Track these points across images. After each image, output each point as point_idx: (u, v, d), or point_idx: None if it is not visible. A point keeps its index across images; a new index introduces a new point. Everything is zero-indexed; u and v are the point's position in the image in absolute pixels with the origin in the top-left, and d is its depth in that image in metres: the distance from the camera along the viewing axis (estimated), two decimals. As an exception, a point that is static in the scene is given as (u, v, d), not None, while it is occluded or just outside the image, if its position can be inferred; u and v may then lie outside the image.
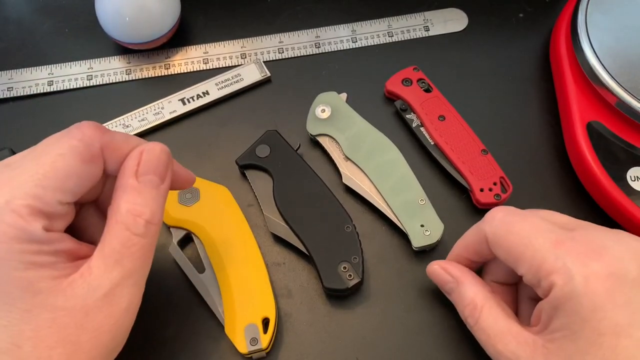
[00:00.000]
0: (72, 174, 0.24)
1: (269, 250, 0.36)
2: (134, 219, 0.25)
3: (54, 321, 0.23)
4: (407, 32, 0.44)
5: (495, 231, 0.28)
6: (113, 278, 0.25)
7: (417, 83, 0.40)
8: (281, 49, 0.43)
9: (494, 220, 0.28)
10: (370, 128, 0.38)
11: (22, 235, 0.23)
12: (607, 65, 0.36)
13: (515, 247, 0.27)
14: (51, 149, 0.25)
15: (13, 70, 0.42)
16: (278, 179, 0.36)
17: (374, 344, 0.33)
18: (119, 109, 0.40)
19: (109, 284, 0.24)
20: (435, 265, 0.32)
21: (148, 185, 0.26)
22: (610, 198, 0.34)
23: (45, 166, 0.24)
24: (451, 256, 0.32)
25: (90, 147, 0.25)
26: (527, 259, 0.26)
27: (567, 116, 0.38)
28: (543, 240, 0.26)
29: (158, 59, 0.43)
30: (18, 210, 0.23)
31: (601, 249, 0.25)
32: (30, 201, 0.23)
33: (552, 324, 0.25)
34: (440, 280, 0.32)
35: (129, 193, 0.26)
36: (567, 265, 0.25)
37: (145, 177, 0.26)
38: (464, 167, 0.36)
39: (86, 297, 0.24)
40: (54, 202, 0.24)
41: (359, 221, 0.36)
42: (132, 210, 0.25)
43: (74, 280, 0.24)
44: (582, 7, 0.38)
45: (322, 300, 0.34)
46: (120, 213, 0.25)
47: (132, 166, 0.26)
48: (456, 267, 0.31)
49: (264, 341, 0.31)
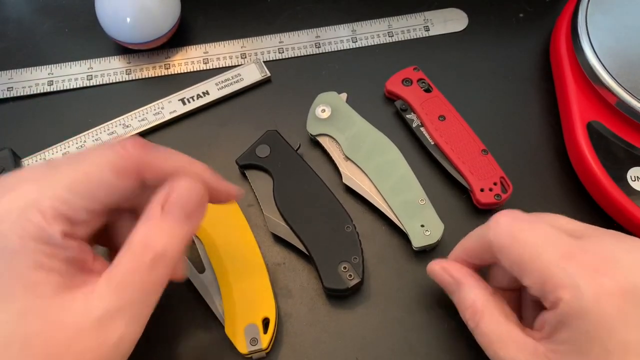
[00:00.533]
0: (103, 185, 0.24)
1: (269, 250, 0.36)
2: (142, 249, 0.24)
3: (45, 332, 0.22)
4: (407, 32, 0.44)
5: (500, 239, 0.27)
6: (109, 304, 0.23)
7: (417, 83, 0.40)
8: (281, 49, 0.43)
9: (499, 226, 0.27)
10: (370, 128, 0.38)
11: (41, 235, 0.23)
12: (607, 65, 0.36)
13: (522, 257, 0.26)
14: (90, 157, 0.25)
15: (13, 70, 0.42)
16: (278, 179, 0.36)
17: (374, 344, 0.33)
18: (119, 109, 0.40)
19: (103, 309, 0.23)
20: (436, 266, 0.31)
21: (170, 219, 0.25)
22: (610, 198, 0.34)
23: (78, 172, 0.24)
24: (452, 258, 0.32)
25: (126, 162, 0.25)
26: (534, 272, 0.25)
27: (567, 116, 0.38)
28: (552, 252, 0.25)
29: (158, 59, 0.43)
30: (43, 210, 0.23)
31: (612, 261, 0.24)
32: (56, 203, 0.23)
33: (557, 334, 0.25)
34: (441, 280, 0.31)
35: (147, 222, 0.25)
36: (576, 280, 0.24)
37: (170, 211, 0.25)
38: (464, 167, 0.36)
39: (81, 315, 0.23)
40: (80, 208, 0.24)
41: (359, 221, 0.36)
42: (143, 241, 0.24)
43: (76, 295, 0.23)
44: (582, 7, 0.38)
45: (322, 300, 0.34)
46: (133, 241, 0.24)
47: (161, 196, 0.25)
48: (456, 268, 0.30)
49: (264, 341, 0.31)
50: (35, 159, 0.38)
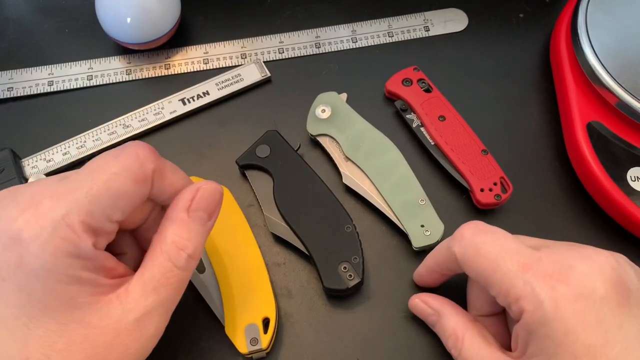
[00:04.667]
0: (123, 194, 0.25)
1: (269, 250, 0.36)
2: (177, 251, 0.26)
3: (86, 338, 0.24)
4: (407, 32, 0.44)
5: (464, 252, 0.28)
6: (148, 305, 0.25)
7: (417, 83, 0.40)
8: (281, 49, 0.43)
9: (463, 240, 0.28)
10: (371, 128, 0.38)
11: (74, 250, 0.23)
12: (607, 66, 0.36)
13: (484, 269, 0.27)
14: (106, 166, 0.25)
15: (13, 70, 0.42)
16: (278, 179, 0.36)
17: (374, 344, 0.33)
18: (119, 109, 0.40)
19: (143, 310, 0.25)
20: (417, 300, 0.32)
21: (197, 221, 0.27)
22: (610, 198, 0.34)
23: (99, 183, 0.24)
24: (422, 270, 0.33)
25: (143, 169, 0.25)
26: (496, 283, 0.26)
27: (567, 116, 0.38)
28: (511, 263, 0.26)
29: (158, 59, 0.43)
30: (73, 226, 0.23)
31: (568, 269, 0.25)
32: (84, 217, 0.23)
33: (528, 348, 0.25)
34: (422, 313, 0.32)
35: (177, 225, 0.26)
36: (535, 290, 0.25)
37: (195, 213, 0.27)
38: (464, 167, 0.36)
39: (119, 318, 0.24)
40: (104, 219, 0.24)
41: (359, 221, 0.36)
42: (177, 243, 0.26)
43: (110, 301, 0.25)
44: (582, 7, 0.38)
45: (322, 300, 0.34)
46: (166, 243, 0.26)
47: (186, 199, 0.27)
48: (436, 299, 0.31)
49: (264, 341, 0.31)
50: (35, 159, 0.38)
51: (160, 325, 0.26)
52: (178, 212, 0.27)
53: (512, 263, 0.26)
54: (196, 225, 0.27)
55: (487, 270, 0.26)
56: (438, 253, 0.31)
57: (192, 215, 0.27)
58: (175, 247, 0.26)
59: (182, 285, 0.27)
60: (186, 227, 0.26)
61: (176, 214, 0.27)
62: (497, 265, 0.26)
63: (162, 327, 0.26)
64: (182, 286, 0.27)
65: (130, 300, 0.25)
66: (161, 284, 0.25)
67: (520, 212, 0.37)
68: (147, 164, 0.25)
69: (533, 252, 0.26)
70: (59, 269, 0.23)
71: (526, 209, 0.37)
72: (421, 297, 0.32)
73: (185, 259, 0.26)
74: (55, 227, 0.23)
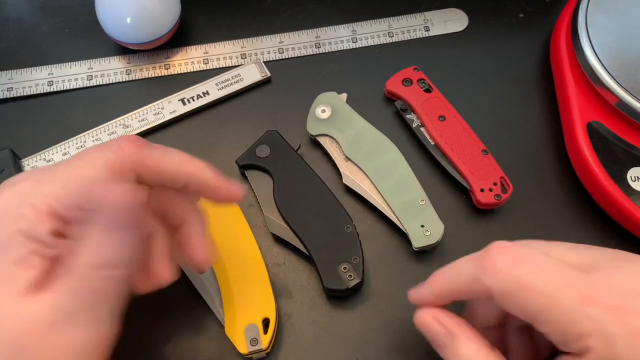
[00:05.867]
0: (97, 182, 0.24)
1: (269, 250, 0.36)
2: (87, 261, 0.23)
3: (12, 328, 0.22)
4: (407, 32, 0.44)
5: (503, 288, 0.24)
6: (59, 305, 0.22)
7: (417, 83, 0.40)
8: (281, 49, 0.43)
9: (498, 273, 0.24)
10: (371, 128, 0.38)
11: (29, 231, 0.23)
12: (607, 65, 0.36)
13: (535, 306, 0.23)
14: (86, 156, 0.25)
15: (13, 70, 0.42)
16: (278, 179, 0.36)
17: (374, 344, 0.33)
18: (119, 109, 0.40)
19: (54, 309, 0.22)
20: (428, 316, 0.27)
21: (99, 231, 0.23)
22: (610, 198, 0.34)
23: (74, 171, 0.24)
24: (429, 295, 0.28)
25: (121, 160, 0.25)
26: (552, 320, 0.23)
27: (567, 116, 0.38)
28: (569, 297, 0.23)
29: (158, 59, 0.43)
30: (36, 206, 0.23)
31: (634, 297, 0.23)
32: (50, 200, 0.23)
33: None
34: (431, 332, 0.27)
35: (90, 232, 0.23)
36: (605, 327, 0.22)
37: (97, 223, 0.23)
38: (464, 167, 0.36)
39: (36, 314, 0.22)
40: (74, 206, 0.24)
41: (359, 221, 0.36)
42: (86, 252, 0.23)
43: (44, 295, 0.22)
44: (582, 7, 0.38)
45: (322, 300, 0.34)
46: (81, 252, 0.23)
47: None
48: (452, 318, 0.27)
49: (264, 341, 0.31)
50: (35, 159, 0.38)
51: (86, 340, 0.23)
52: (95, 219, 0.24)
53: (570, 296, 0.23)
54: (99, 236, 0.23)
55: (538, 307, 0.23)
56: (457, 282, 0.26)
57: (94, 224, 0.23)
58: (85, 257, 0.23)
59: (103, 295, 0.23)
60: (94, 237, 0.23)
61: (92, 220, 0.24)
62: (552, 301, 0.23)
63: (90, 345, 0.23)
64: (105, 296, 0.23)
65: (49, 297, 0.22)
66: (76, 289, 0.23)
67: (520, 212, 0.37)
68: (128, 155, 0.25)
69: (585, 278, 0.23)
70: (11, 245, 0.23)
71: (526, 209, 0.37)
72: (434, 313, 0.27)
73: (96, 270, 0.23)
74: (20, 204, 0.23)
